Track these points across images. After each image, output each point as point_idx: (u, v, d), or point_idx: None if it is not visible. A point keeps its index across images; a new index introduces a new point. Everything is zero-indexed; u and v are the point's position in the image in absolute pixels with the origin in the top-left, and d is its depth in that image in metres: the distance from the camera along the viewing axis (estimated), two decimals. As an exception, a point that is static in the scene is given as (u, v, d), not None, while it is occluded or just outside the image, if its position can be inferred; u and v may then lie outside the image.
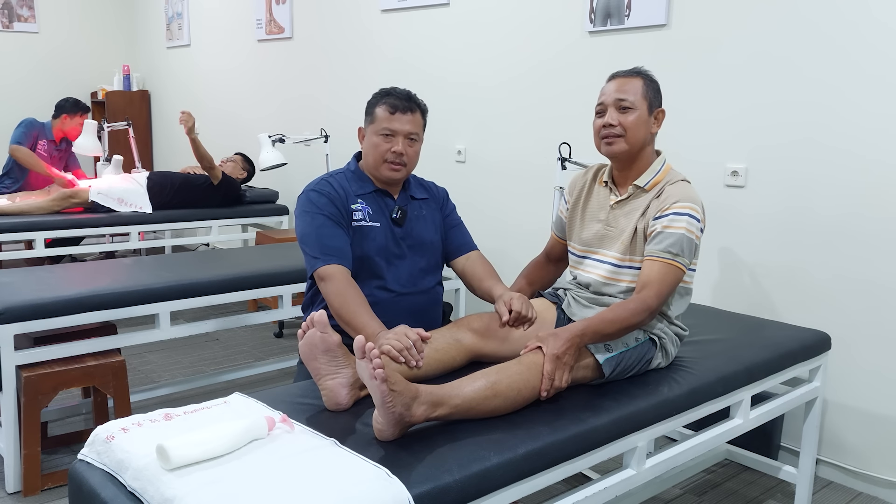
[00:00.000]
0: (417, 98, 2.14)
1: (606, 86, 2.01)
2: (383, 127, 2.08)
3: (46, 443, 2.84)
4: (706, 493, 2.67)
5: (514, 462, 1.49)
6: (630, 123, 1.95)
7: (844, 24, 2.58)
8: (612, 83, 2.00)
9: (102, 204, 4.41)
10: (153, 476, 1.34)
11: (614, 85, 1.99)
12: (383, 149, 2.08)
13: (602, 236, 2.05)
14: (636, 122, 1.95)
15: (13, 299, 2.45)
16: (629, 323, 1.83)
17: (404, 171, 2.12)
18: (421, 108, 2.14)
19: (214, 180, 4.62)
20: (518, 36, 3.65)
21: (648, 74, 2.01)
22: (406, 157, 2.09)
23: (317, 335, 1.64)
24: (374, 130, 2.10)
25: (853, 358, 2.67)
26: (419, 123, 2.13)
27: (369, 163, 2.14)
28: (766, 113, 2.81)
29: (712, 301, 3.03)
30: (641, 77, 1.99)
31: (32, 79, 6.66)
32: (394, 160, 2.09)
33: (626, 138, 1.96)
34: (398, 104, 2.08)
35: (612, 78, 2.01)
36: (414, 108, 2.11)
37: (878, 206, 2.56)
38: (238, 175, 4.91)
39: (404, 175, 2.14)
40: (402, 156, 2.08)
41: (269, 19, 5.27)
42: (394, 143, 2.08)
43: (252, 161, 4.99)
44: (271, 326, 4.53)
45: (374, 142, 2.10)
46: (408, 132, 2.09)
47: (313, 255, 2.04)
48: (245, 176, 4.97)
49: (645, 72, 2.01)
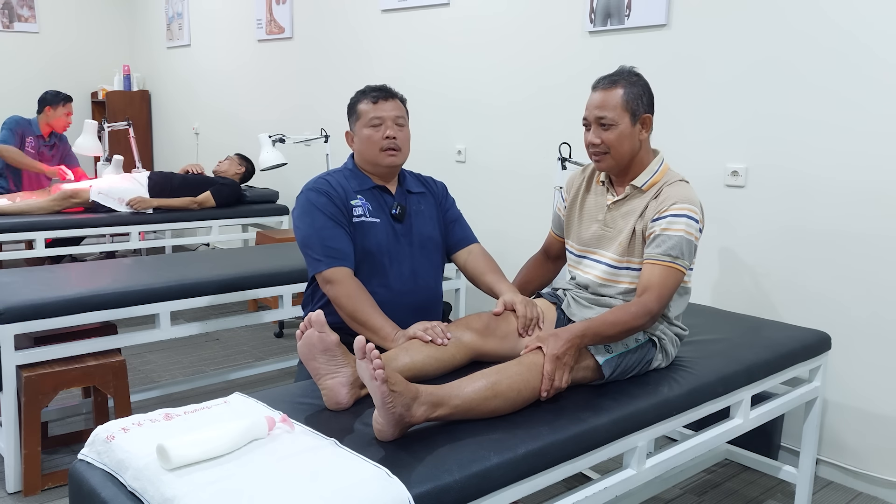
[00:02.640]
0: (394, 89, 2.20)
1: (590, 97, 1.96)
2: (371, 117, 2.13)
3: (47, 443, 2.84)
4: (706, 493, 2.67)
5: (514, 462, 1.49)
6: (613, 141, 1.93)
7: (845, 24, 2.58)
8: (594, 96, 1.95)
9: (103, 204, 4.41)
10: (153, 476, 1.34)
11: (596, 99, 1.94)
12: (376, 137, 2.12)
13: (600, 237, 2.05)
14: (619, 138, 1.92)
15: (13, 299, 2.46)
16: (630, 326, 1.83)
17: (400, 155, 2.16)
18: (399, 97, 2.20)
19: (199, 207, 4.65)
20: (518, 35, 3.65)
21: (630, 78, 1.94)
22: (399, 141, 2.14)
23: (315, 335, 1.64)
24: (362, 125, 2.15)
25: (853, 358, 2.67)
26: (402, 109, 2.19)
27: (365, 157, 2.16)
28: (766, 113, 2.81)
29: (712, 301, 3.03)
30: (621, 85, 1.92)
31: (33, 79, 6.66)
32: (389, 146, 2.12)
33: (611, 154, 1.95)
34: (378, 94, 2.15)
35: (595, 87, 1.96)
36: (394, 95, 2.18)
37: (878, 206, 2.56)
38: (235, 172, 4.90)
39: (401, 160, 2.17)
40: (395, 139, 2.12)
41: (269, 19, 5.27)
42: (384, 129, 2.12)
43: (250, 160, 4.99)
44: (271, 326, 4.53)
45: (366, 134, 2.14)
46: (395, 117, 2.14)
47: (316, 258, 2.05)
48: (242, 172, 4.95)
49: (627, 76, 1.94)
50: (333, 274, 2.02)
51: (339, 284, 2.01)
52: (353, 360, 1.68)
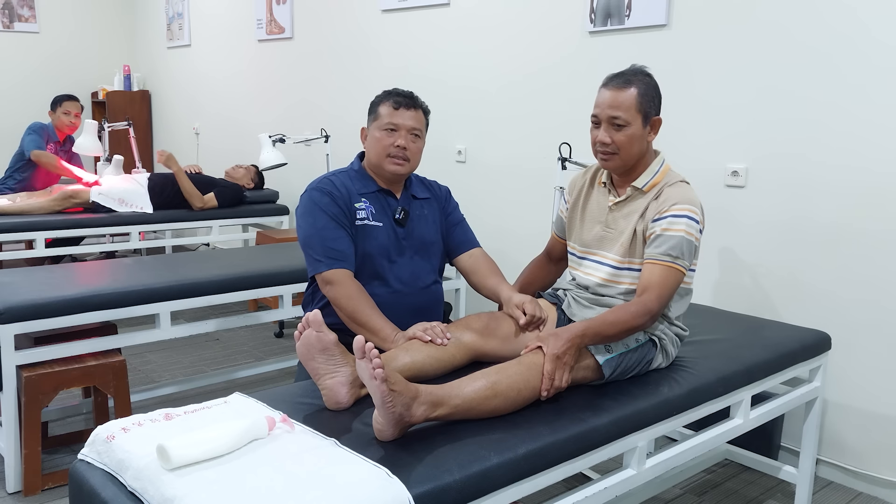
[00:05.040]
0: (420, 99, 2.17)
1: (601, 94, 1.94)
2: (387, 122, 2.11)
3: (47, 443, 2.84)
4: (706, 493, 2.67)
5: (514, 462, 1.49)
6: (624, 142, 1.92)
7: (845, 24, 2.58)
8: (607, 94, 1.93)
9: (103, 204, 4.41)
10: (153, 476, 1.34)
11: (608, 97, 1.92)
12: (386, 143, 2.10)
13: (601, 238, 2.05)
14: (630, 139, 1.92)
15: (13, 299, 2.46)
16: (630, 326, 1.83)
17: (407, 166, 2.13)
18: (423, 108, 2.17)
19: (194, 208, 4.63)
20: (518, 35, 3.65)
21: (644, 80, 1.93)
22: (409, 153, 2.11)
23: (313, 335, 1.64)
24: (377, 126, 2.13)
25: (853, 358, 2.67)
26: (422, 121, 2.15)
27: (372, 159, 2.15)
28: (766, 113, 2.81)
29: (712, 301, 3.03)
30: (636, 85, 1.91)
31: (33, 79, 6.66)
32: (396, 154, 2.10)
33: (620, 155, 1.94)
34: (401, 101, 2.12)
35: (607, 84, 1.94)
36: (417, 105, 2.14)
37: (878, 206, 2.56)
38: (246, 183, 4.92)
39: (407, 171, 2.15)
40: (405, 150, 2.10)
41: (269, 19, 5.27)
42: (396, 137, 2.10)
43: (263, 176, 5.04)
44: (271, 326, 4.53)
45: (377, 136, 2.12)
46: (411, 127, 2.11)
47: (316, 258, 2.05)
48: (252, 187, 4.98)
49: (640, 77, 1.93)
50: (333, 275, 2.02)
51: (338, 286, 2.01)
52: (351, 359, 1.68)
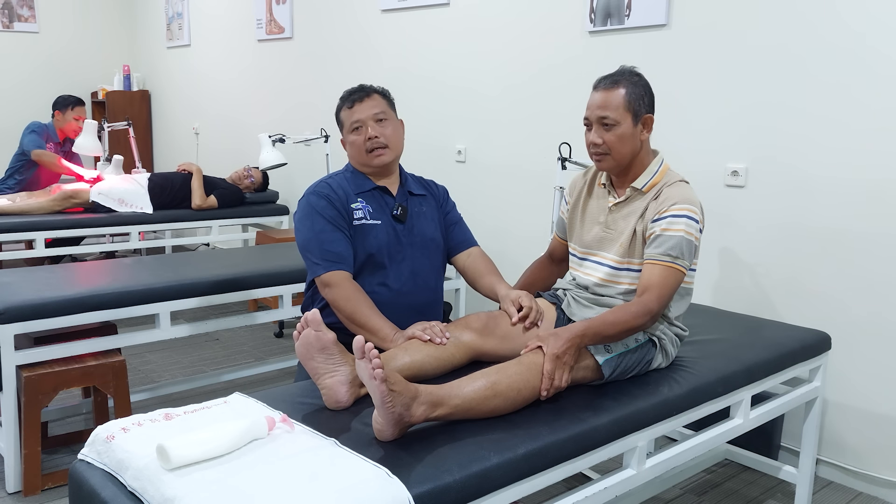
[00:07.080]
0: (373, 85, 2.19)
1: (591, 96, 1.96)
2: (350, 123, 2.14)
3: (46, 443, 2.84)
4: (706, 493, 2.67)
5: (514, 462, 1.49)
6: (614, 141, 1.92)
7: (845, 24, 2.58)
8: (596, 95, 1.94)
9: (103, 204, 4.41)
10: (153, 476, 1.34)
11: (597, 99, 1.93)
12: (359, 141, 2.13)
13: (601, 239, 2.05)
14: (620, 138, 1.92)
15: (13, 299, 2.46)
16: (630, 326, 1.83)
17: (389, 152, 2.14)
18: (379, 90, 2.18)
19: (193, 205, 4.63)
20: (518, 35, 3.65)
21: (632, 79, 1.93)
22: (383, 138, 2.12)
23: (311, 334, 1.64)
24: (346, 132, 2.17)
25: (853, 358, 2.67)
26: (381, 103, 2.16)
27: (357, 161, 2.18)
28: (766, 113, 2.81)
29: (712, 301, 3.03)
30: (623, 85, 1.92)
31: (33, 79, 6.66)
32: (373, 146, 2.12)
33: (612, 155, 1.95)
34: (354, 97, 2.15)
35: (596, 86, 1.96)
36: (369, 92, 2.16)
37: (878, 205, 2.56)
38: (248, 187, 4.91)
39: (391, 157, 2.16)
40: (378, 138, 2.11)
41: (269, 19, 5.27)
42: (364, 131, 2.12)
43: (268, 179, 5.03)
44: (271, 326, 4.53)
45: (351, 140, 2.16)
46: (372, 115, 2.12)
47: (315, 261, 2.06)
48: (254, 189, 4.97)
49: (629, 76, 1.94)
50: (331, 277, 2.03)
51: (336, 287, 2.01)
52: (351, 358, 1.68)
